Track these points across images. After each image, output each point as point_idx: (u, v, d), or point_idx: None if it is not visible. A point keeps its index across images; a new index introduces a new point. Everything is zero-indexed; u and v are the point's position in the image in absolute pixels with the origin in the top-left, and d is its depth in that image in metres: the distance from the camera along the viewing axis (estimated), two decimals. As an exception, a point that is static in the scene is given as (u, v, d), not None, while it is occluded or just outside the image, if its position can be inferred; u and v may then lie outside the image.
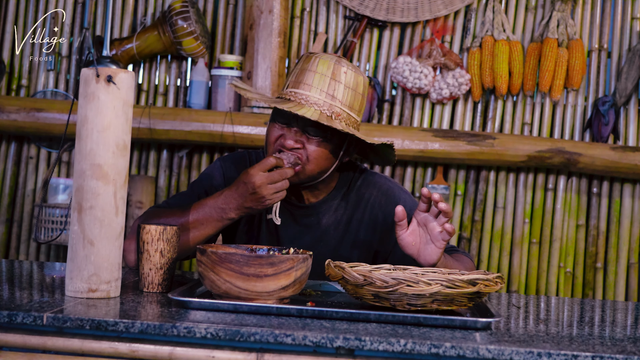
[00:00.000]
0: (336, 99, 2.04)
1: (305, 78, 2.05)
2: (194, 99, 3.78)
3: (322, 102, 2.03)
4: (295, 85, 2.06)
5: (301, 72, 2.07)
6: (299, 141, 2.06)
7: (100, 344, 1.52)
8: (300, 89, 2.04)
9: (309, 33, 3.90)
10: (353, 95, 2.07)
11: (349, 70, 2.06)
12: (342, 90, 2.05)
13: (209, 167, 2.30)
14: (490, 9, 3.81)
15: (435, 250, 1.94)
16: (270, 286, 1.67)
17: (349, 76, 2.06)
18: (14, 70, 3.94)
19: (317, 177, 2.12)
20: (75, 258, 1.71)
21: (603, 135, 3.74)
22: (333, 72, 2.04)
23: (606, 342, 1.60)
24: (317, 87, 2.03)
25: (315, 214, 2.21)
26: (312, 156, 2.07)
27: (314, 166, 2.08)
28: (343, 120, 2.04)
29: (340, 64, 2.05)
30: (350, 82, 2.06)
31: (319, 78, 2.04)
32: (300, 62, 2.09)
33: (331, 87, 2.04)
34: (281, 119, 2.08)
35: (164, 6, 3.90)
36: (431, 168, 3.87)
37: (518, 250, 3.85)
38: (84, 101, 1.72)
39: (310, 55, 2.08)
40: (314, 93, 2.03)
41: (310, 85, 2.04)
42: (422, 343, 1.47)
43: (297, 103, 2.02)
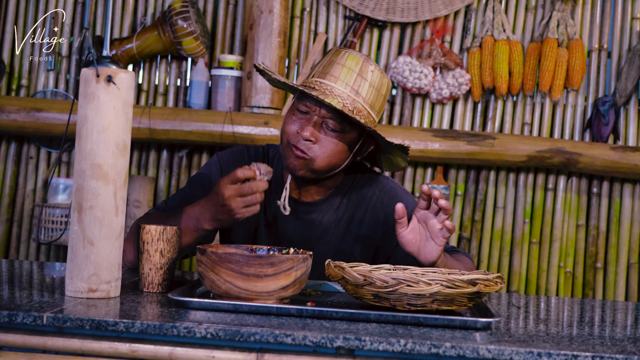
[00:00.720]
0: (360, 95, 2.04)
1: (332, 70, 2.05)
2: (194, 99, 3.78)
3: (346, 96, 2.03)
4: (321, 75, 2.06)
5: (329, 64, 2.07)
6: (315, 134, 2.05)
7: (100, 344, 1.52)
8: (326, 79, 2.04)
9: (309, 33, 3.90)
10: (376, 94, 2.07)
11: (376, 70, 2.07)
12: (367, 88, 2.05)
13: (206, 163, 2.29)
14: (490, 9, 3.81)
15: (435, 247, 1.94)
16: (270, 286, 1.67)
17: (375, 75, 2.07)
18: (14, 70, 3.94)
19: (325, 173, 2.11)
20: (75, 258, 1.71)
21: (603, 135, 3.74)
22: (361, 69, 2.05)
23: (606, 342, 1.60)
24: (343, 81, 2.04)
25: (317, 211, 2.20)
26: (325, 150, 2.06)
27: (324, 162, 2.07)
28: (363, 118, 2.05)
29: (368, 62, 2.07)
30: (375, 81, 2.07)
31: (346, 72, 2.04)
32: (329, 54, 2.10)
33: (357, 82, 2.04)
34: (302, 107, 2.08)
35: (164, 6, 3.90)
36: (431, 168, 3.87)
37: (518, 250, 3.85)
38: (84, 101, 1.72)
39: (340, 50, 2.09)
40: (339, 85, 2.03)
41: (337, 77, 2.04)
42: (422, 343, 1.47)
43: (322, 92, 2.02)
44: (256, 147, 2.30)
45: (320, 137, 2.06)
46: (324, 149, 2.06)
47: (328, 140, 2.06)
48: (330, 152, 2.07)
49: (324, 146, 2.06)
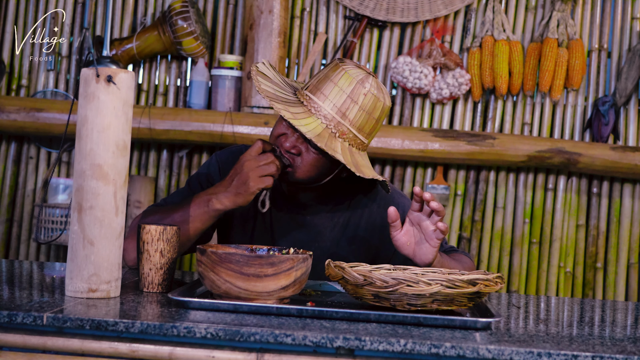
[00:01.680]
0: (347, 117, 1.97)
1: (324, 87, 1.99)
2: (194, 99, 3.78)
3: (331, 117, 1.97)
4: (313, 90, 2.00)
5: (324, 79, 2.00)
6: (297, 147, 2.02)
7: (100, 344, 1.52)
8: (315, 95, 1.99)
9: (309, 33, 3.90)
10: (366, 118, 1.99)
11: (369, 94, 1.98)
12: (356, 111, 1.98)
13: (205, 163, 2.29)
14: (490, 9, 3.81)
15: (430, 249, 1.94)
16: (270, 286, 1.67)
17: (367, 99, 1.98)
18: (14, 70, 3.94)
19: (306, 183, 2.10)
20: (75, 258, 1.71)
21: (603, 135, 3.74)
22: (352, 91, 1.97)
23: (606, 342, 1.60)
24: (332, 101, 1.97)
25: (312, 213, 2.20)
26: (305, 165, 2.03)
27: (304, 174, 2.05)
28: (347, 141, 1.99)
29: (363, 84, 1.98)
30: (367, 105, 1.98)
31: (336, 92, 1.98)
32: (328, 67, 2.04)
33: (345, 105, 1.97)
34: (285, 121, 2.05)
35: (164, 6, 3.90)
36: (431, 168, 3.87)
37: (518, 250, 3.85)
38: (84, 101, 1.72)
39: (338, 65, 2.02)
40: (326, 105, 1.97)
41: (326, 97, 1.98)
42: (422, 343, 1.47)
43: (307, 110, 1.98)
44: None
45: (302, 149, 2.03)
46: (305, 162, 2.03)
47: (309, 155, 2.03)
48: (310, 167, 2.03)
49: (305, 159, 2.03)
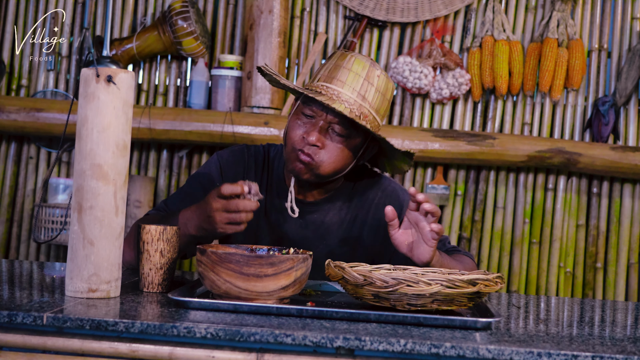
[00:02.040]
0: (366, 100, 2.04)
1: (339, 74, 2.04)
2: (194, 99, 3.78)
3: (353, 101, 2.03)
4: (328, 79, 2.05)
5: (335, 68, 2.06)
6: (321, 139, 2.05)
7: (100, 344, 1.52)
8: (333, 84, 2.04)
9: (309, 33, 3.90)
10: (382, 99, 2.07)
11: (382, 75, 2.07)
12: (373, 93, 2.05)
13: (206, 162, 2.29)
14: (490, 9, 3.81)
15: (427, 249, 1.94)
16: (270, 286, 1.67)
17: (381, 80, 2.07)
18: (14, 70, 3.94)
19: (329, 177, 2.12)
20: (75, 258, 1.71)
21: (603, 135, 3.74)
22: (367, 74, 2.05)
23: (606, 342, 1.60)
24: (350, 86, 2.04)
25: (319, 211, 2.21)
26: (331, 155, 2.06)
27: (329, 167, 2.07)
28: (369, 123, 2.05)
29: (374, 66, 2.06)
30: (381, 86, 2.07)
31: (352, 77, 2.04)
32: (335, 57, 2.09)
33: (364, 87, 2.04)
34: (307, 111, 2.07)
35: (164, 6, 3.90)
36: (431, 168, 3.87)
37: (518, 250, 3.85)
38: (84, 101, 1.72)
39: (345, 53, 2.08)
40: (346, 90, 2.03)
41: (344, 82, 2.04)
42: (422, 343, 1.47)
43: (329, 97, 2.02)
44: (256, 147, 2.29)
45: (326, 142, 2.06)
46: (330, 154, 2.06)
47: (334, 145, 2.06)
48: (336, 158, 2.07)
49: (330, 151, 2.06)
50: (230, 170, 2.24)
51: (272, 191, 2.23)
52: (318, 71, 2.11)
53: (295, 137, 2.07)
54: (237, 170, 2.24)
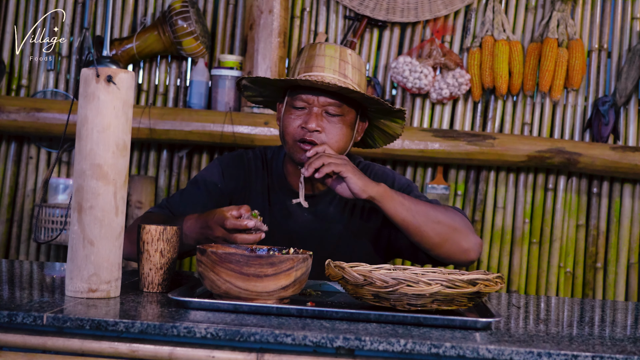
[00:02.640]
0: (348, 77, 2.15)
1: (316, 62, 2.14)
2: (194, 99, 3.78)
3: (337, 81, 2.12)
4: (307, 69, 2.15)
5: (310, 58, 2.16)
6: (320, 124, 2.13)
7: (100, 344, 1.52)
8: (313, 72, 2.13)
9: (309, 33, 3.90)
10: (360, 75, 2.18)
11: (353, 53, 2.19)
12: (351, 70, 2.16)
13: (207, 167, 2.33)
14: (490, 9, 3.81)
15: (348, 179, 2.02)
16: (271, 286, 1.67)
17: (354, 57, 2.18)
18: (14, 70, 3.94)
19: None
20: (75, 258, 1.71)
21: (603, 135, 3.74)
22: (340, 55, 2.16)
23: (606, 342, 1.60)
24: (330, 68, 2.13)
25: (322, 202, 2.26)
26: (333, 136, 2.15)
27: (334, 147, 2.15)
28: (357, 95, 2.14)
29: (344, 47, 2.18)
30: (356, 62, 2.18)
31: (329, 60, 2.14)
32: (306, 50, 2.18)
33: (342, 67, 2.14)
34: (299, 103, 2.15)
35: (164, 6, 3.90)
36: (431, 168, 3.87)
37: (518, 250, 3.85)
38: (84, 101, 1.72)
39: (314, 44, 2.19)
40: (328, 73, 2.12)
41: (323, 67, 2.13)
42: (422, 343, 1.47)
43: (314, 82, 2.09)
44: (254, 151, 2.34)
45: (325, 125, 2.14)
46: (331, 135, 2.14)
47: (333, 126, 2.15)
48: (338, 137, 2.15)
49: (331, 132, 2.14)
50: (231, 174, 2.29)
51: (274, 190, 2.27)
52: (294, 67, 2.20)
53: (294, 130, 2.15)
54: (238, 174, 2.29)
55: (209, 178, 2.28)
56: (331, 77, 2.12)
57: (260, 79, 2.19)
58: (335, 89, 2.10)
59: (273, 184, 2.28)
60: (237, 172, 2.29)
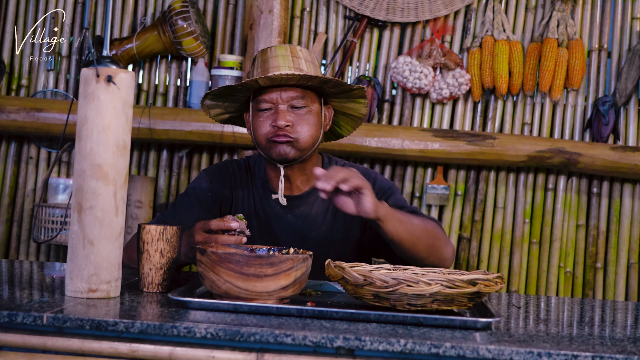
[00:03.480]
0: (303, 71, 2.19)
1: (270, 64, 2.20)
2: (194, 99, 3.78)
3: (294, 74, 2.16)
4: (263, 73, 2.19)
5: (264, 62, 2.21)
6: (289, 120, 2.18)
7: (100, 344, 1.52)
8: (270, 72, 2.18)
9: (309, 33, 3.90)
10: (314, 67, 2.23)
11: (303, 49, 2.24)
12: (304, 63, 2.21)
13: (195, 179, 2.40)
14: (490, 9, 3.81)
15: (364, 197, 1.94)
16: (271, 286, 1.67)
17: (304, 52, 2.23)
18: (14, 70, 3.94)
19: (311, 148, 2.23)
20: (75, 258, 1.71)
21: (603, 135, 3.74)
22: (291, 52, 2.21)
23: (606, 342, 1.60)
24: (285, 65, 2.18)
25: (305, 203, 2.30)
26: (304, 127, 2.20)
27: (308, 137, 2.20)
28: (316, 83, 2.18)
29: (293, 45, 2.23)
30: (307, 56, 2.23)
31: (282, 59, 2.19)
32: (258, 57, 2.25)
33: (295, 62, 2.19)
34: (264, 105, 2.20)
35: (164, 6, 3.90)
36: (431, 168, 3.87)
37: (518, 250, 3.85)
38: (84, 101, 1.72)
39: (265, 49, 2.24)
40: (284, 70, 2.17)
41: (278, 66, 2.18)
42: (422, 343, 1.47)
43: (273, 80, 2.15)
44: (237, 161, 2.43)
45: (293, 119, 2.19)
46: (302, 126, 2.20)
47: (301, 118, 2.20)
48: (309, 127, 2.21)
49: (301, 124, 2.20)
50: (218, 180, 2.37)
51: (258, 195, 2.33)
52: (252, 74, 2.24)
53: (265, 130, 2.21)
54: (224, 181, 2.37)
55: (199, 188, 2.35)
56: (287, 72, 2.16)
57: (221, 89, 2.22)
58: (296, 78, 2.15)
59: (257, 189, 2.35)
60: (224, 181, 2.37)
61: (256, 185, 2.36)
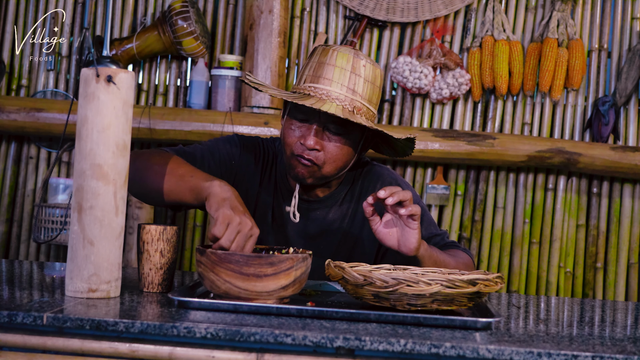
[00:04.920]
0: (357, 93, 1.99)
1: (324, 72, 1.99)
2: (194, 99, 3.78)
3: (344, 97, 1.98)
4: (314, 79, 2.00)
5: (319, 66, 2.00)
6: (319, 142, 2.01)
7: (100, 344, 1.52)
8: (320, 83, 1.98)
9: (309, 33, 3.90)
10: (372, 88, 2.02)
11: (368, 64, 2.01)
12: (362, 84, 2.00)
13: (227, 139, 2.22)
14: (490, 9, 3.81)
15: (411, 232, 1.89)
16: (270, 286, 1.67)
17: (367, 69, 2.01)
18: (14, 70, 3.94)
19: (334, 176, 2.09)
20: (75, 258, 1.71)
21: (603, 135, 3.74)
22: (353, 66, 1.99)
23: (606, 342, 1.60)
24: (338, 82, 1.98)
25: (322, 208, 2.19)
26: (332, 155, 2.03)
27: (332, 167, 2.05)
28: (363, 115, 2.00)
29: (358, 56, 2.01)
30: (369, 75, 2.01)
31: (339, 72, 1.98)
32: (316, 55, 2.03)
33: (352, 81, 1.99)
34: (300, 115, 2.03)
35: (164, 6, 3.90)
36: (431, 168, 3.87)
37: (518, 250, 3.85)
38: (84, 101, 1.72)
39: (327, 48, 2.02)
40: (335, 88, 1.98)
41: (331, 80, 1.98)
42: (422, 343, 1.47)
43: (319, 99, 1.97)
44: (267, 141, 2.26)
45: (325, 143, 2.02)
46: (330, 154, 2.03)
47: (333, 145, 2.02)
48: (337, 157, 2.03)
49: (330, 152, 2.02)
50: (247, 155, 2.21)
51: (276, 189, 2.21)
52: (303, 71, 2.06)
53: (292, 142, 2.04)
54: (250, 158, 2.21)
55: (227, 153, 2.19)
56: (337, 93, 1.97)
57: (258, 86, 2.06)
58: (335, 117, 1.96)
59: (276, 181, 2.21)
60: (254, 155, 2.21)
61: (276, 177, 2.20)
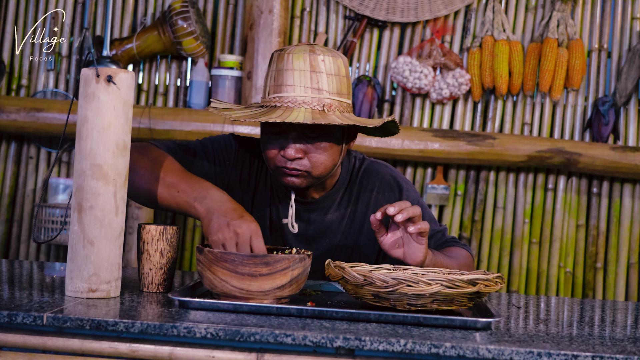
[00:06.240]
0: (322, 90, 1.92)
1: (285, 79, 1.93)
2: (194, 99, 3.78)
3: (310, 99, 1.92)
4: (277, 89, 1.94)
5: (279, 74, 1.94)
6: (300, 150, 1.97)
7: (100, 344, 1.52)
8: (283, 92, 1.93)
9: (309, 33, 3.90)
10: (338, 80, 1.95)
11: (326, 57, 1.94)
12: (326, 79, 1.93)
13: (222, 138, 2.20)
14: (490, 9, 3.81)
15: (418, 247, 1.89)
16: (266, 286, 1.67)
17: (327, 63, 1.94)
18: (14, 70, 3.94)
19: (327, 175, 2.06)
20: (75, 258, 1.71)
21: (603, 135, 3.74)
22: (311, 64, 1.92)
23: (606, 342, 1.60)
24: (300, 85, 1.92)
25: (320, 209, 2.17)
26: (317, 159, 1.98)
27: (321, 169, 2.00)
28: (336, 109, 1.94)
29: (315, 53, 1.94)
30: (331, 68, 1.94)
31: (299, 75, 1.92)
32: (274, 62, 1.97)
33: (314, 80, 1.92)
34: (274, 128, 1.99)
35: (164, 6, 3.90)
36: (431, 168, 3.87)
37: (518, 250, 3.85)
38: (84, 101, 1.72)
39: (282, 54, 1.96)
40: (299, 92, 1.91)
41: (293, 85, 1.92)
42: (422, 343, 1.47)
43: (286, 108, 1.92)
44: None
45: (306, 148, 1.98)
46: (315, 158, 1.98)
47: (314, 147, 1.98)
48: (322, 158, 1.99)
49: (314, 156, 1.98)
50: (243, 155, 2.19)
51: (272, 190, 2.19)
52: (265, 82, 2.01)
53: (274, 155, 2.00)
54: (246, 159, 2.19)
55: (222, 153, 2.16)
56: (303, 97, 1.90)
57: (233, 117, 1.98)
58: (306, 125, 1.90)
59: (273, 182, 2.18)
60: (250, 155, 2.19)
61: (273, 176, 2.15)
